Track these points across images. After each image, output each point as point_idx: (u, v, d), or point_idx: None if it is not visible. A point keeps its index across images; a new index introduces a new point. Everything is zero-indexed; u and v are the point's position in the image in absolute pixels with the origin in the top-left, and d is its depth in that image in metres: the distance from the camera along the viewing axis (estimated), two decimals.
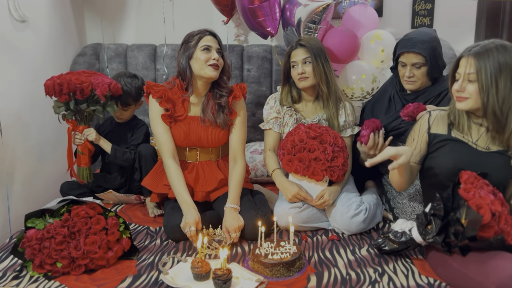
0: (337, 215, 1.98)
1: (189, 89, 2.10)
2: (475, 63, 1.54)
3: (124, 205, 2.39)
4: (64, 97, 2.11)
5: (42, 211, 1.75)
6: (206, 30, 2.07)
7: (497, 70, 1.52)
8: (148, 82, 2.12)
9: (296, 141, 1.99)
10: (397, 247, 1.71)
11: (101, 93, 2.13)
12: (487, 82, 1.52)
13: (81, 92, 2.10)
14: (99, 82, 2.15)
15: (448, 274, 1.56)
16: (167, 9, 3.02)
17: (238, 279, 1.60)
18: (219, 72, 2.06)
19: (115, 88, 2.23)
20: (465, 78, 1.58)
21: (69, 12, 2.90)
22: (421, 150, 1.78)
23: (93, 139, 2.22)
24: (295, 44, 2.17)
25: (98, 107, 2.17)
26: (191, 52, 2.04)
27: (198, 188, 2.08)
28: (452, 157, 1.68)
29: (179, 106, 2.09)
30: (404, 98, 2.14)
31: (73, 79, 2.10)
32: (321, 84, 2.15)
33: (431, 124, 1.77)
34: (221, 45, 2.09)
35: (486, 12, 2.97)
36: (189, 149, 2.14)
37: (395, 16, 3.01)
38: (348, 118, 2.22)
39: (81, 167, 2.26)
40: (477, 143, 1.67)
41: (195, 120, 2.11)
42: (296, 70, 2.14)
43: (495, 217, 1.47)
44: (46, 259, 1.63)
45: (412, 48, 2.00)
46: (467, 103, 1.60)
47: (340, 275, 1.64)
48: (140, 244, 1.92)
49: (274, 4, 2.48)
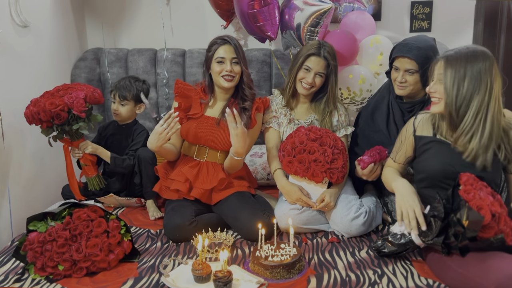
0: (337, 217, 1.99)
1: (210, 94, 2.21)
2: (444, 65, 1.61)
3: (125, 208, 2.41)
4: (45, 124, 2.08)
5: (44, 214, 1.76)
6: (223, 39, 2.13)
7: (461, 74, 1.57)
8: (177, 80, 2.24)
9: (296, 142, 2.00)
10: (396, 249, 1.72)
11: (78, 111, 2.06)
12: (450, 84, 1.59)
13: (58, 117, 2.03)
14: (73, 101, 2.05)
15: (447, 275, 1.57)
16: (165, 14, 3.05)
17: (239, 281, 1.60)
18: (235, 81, 2.14)
19: (92, 99, 2.15)
20: (437, 80, 1.65)
21: (70, 17, 2.93)
22: (406, 152, 1.85)
23: (90, 151, 2.22)
24: (318, 51, 2.13)
25: (81, 123, 2.11)
26: (209, 63, 2.15)
27: (197, 185, 2.11)
28: (438, 159, 1.71)
29: (196, 105, 2.19)
30: (401, 106, 2.14)
31: (47, 104, 2.02)
32: (329, 100, 2.21)
33: (416, 126, 1.81)
34: (238, 53, 2.12)
35: (484, 15, 2.99)
36: (198, 147, 2.18)
37: (393, 20, 3.03)
38: (341, 118, 2.24)
39: (90, 177, 2.28)
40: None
41: (210, 120, 2.17)
42: (306, 76, 2.14)
43: (495, 218, 1.48)
44: (47, 262, 1.64)
45: (407, 53, 1.98)
46: (440, 106, 1.65)
47: (340, 277, 1.65)
48: (141, 247, 1.94)
49: (273, 8, 2.50)
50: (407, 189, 1.71)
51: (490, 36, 3.06)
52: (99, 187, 2.30)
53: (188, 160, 2.20)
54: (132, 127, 2.44)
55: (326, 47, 2.15)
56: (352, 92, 2.53)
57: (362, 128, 2.27)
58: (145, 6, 3.08)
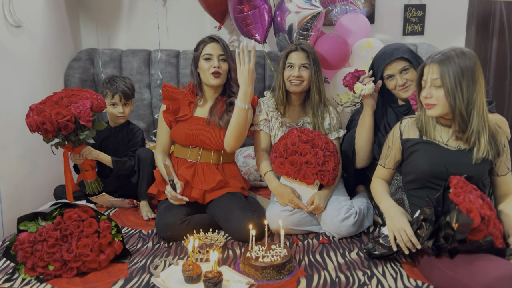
0: (328, 218, 2.00)
1: (199, 94, 2.22)
2: (438, 69, 1.62)
3: (117, 209, 2.41)
4: (50, 134, 2.06)
5: (35, 214, 1.76)
6: (210, 37, 2.17)
7: (459, 74, 1.60)
8: (164, 83, 2.27)
9: (289, 144, 2.01)
10: (387, 251, 1.73)
11: (85, 121, 2.05)
12: (452, 85, 1.60)
13: (65, 128, 2.03)
14: (81, 111, 2.04)
15: (435, 276, 1.58)
16: (161, 15, 3.06)
17: (229, 282, 1.61)
18: (222, 79, 2.17)
19: (98, 107, 2.14)
20: (431, 85, 1.65)
21: (64, 18, 2.93)
22: (395, 156, 1.88)
23: (92, 158, 2.23)
24: (296, 47, 2.19)
25: (87, 132, 2.11)
26: (197, 61, 2.18)
27: (195, 185, 2.12)
28: (426, 159, 1.73)
29: (184, 107, 2.20)
30: (396, 110, 2.14)
31: (53, 115, 1.99)
32: (313, 91, 2.19)
33: (402, 130, 1.84)
34: (226, 50, 2.16)
35: (476, 19, 3.02)
36: (191, 148, 2.19)
37: (387, 23, 3.05)
38: (333, 121, 2.26)
39: (89, 182, 2.28)
40: (448, 144, 1.73)
41: (200, 120, 2.18)
42: (292, 72, 2.16)
43: (484, 220, 1.50)
44: (38, 262, 1.64)
45: (391, 57, 2.01)
46: (436, 109, 1.67)
47: (329, 277, 1.66)
48: (132, 247, 1.94)
49: (263, 11, 2.51)
50: (395, 210, 1.73)
51: (482, 40, 3.09)
52: (97, 191, 2.31)
53: (183, 162, 2.21)
54: (126, 127, 2.44)
55: (303, 43, 2.21)
56: (351, 95, 2.53)
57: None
58: (140, 7, 3.09)
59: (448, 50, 1.65)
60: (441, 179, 1.68)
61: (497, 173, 1.76)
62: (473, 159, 1.67)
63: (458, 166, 1.67)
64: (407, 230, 1.63)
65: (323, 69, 2.30)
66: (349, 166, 2.24)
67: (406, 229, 1.63)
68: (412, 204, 1.84)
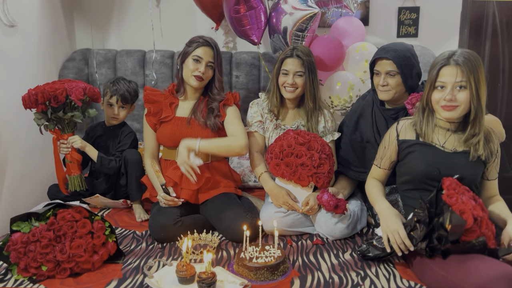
0: (321, 220, 2.00)
1: (180, 89, 2.21)
2: (464, 71, 1.62)
3: (111, 209, 2.40)
4: (40, 107, 2.09)
5: (28, 214, 1.75)
6: (206, 40, 2.14)
7: (478, 77, 1.63)
8: (145, 87, 2.27)
9: (285, 146, 2.02)
10: (380, 253, 1.74)
11: (76, 98, 2.11)
12: (476, 88, 1.63)
13: (55, 99, 2.07)
14: (73, 87, 2.12)
15: (428, 276, 1.59)
16: (155, 16, 3.05)
17: (223, 283, 1.61)
18: (202, 84, 2.17)
19: (91, 92, 2.21)
20: (454, 87, 1.65)
21: (59, 18, 2.92)
22: (391, 157, 1.89)
23: (78, 146, 2.21)
24: (291, 52, 2.17)
25: (76, 112, 2.15)
26: (185, 57, 2.15)
27: (184, 186, 2.11)
28: (421, 161, 1.75)
29: (166, 108, 2.19)
30: (384, 113, 2.14)
31: (47, 88, 2.08)
32: (308, 98, 2.20)
33: (399, 132, 1.85)
34: (216, 58, 2.15)
35: (470, 22, 3.04)
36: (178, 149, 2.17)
37: (381, 25, 3.07)
38: (327, 124, 2.26)
39: (72, 176, 2.26)
40: (444, 146, 1.75)
41: (182, 120, 2.18)
42: (286, 79, 2.17)
43: (477, 221, 1.51)
44: (31, 262, 1.64)
45: (385, 54, 2.01)
46: (457, 111, 1.67)
47: (323, 278, 1.67)
48: (126, 248, 1.93)
49: (259, 12, 2.51)
50: (389, 212, 1.74)
51: (475, 43, 3.11)
52: (79, 188, 2.28)
53: (171, 164, 2.19)
54: (120, 128, 2.44)
55: (299, 48, 2.19)
56: (343, 99, 2.54)
57: (345, 134, 2.27)
58: (135, 7, 3.08)
59: (462, 51, 1.66)
60: (435, 180, 1.69)
61: (487, 177, 1.79)
62: (470, 157, 1.69)
63: (453, 168, 1.68)
64: (401, 232, 1.64)
65: (318, 70, 2.29)
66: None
67: (400, 231, 1.64)
68: (406, 205, 1.85)
